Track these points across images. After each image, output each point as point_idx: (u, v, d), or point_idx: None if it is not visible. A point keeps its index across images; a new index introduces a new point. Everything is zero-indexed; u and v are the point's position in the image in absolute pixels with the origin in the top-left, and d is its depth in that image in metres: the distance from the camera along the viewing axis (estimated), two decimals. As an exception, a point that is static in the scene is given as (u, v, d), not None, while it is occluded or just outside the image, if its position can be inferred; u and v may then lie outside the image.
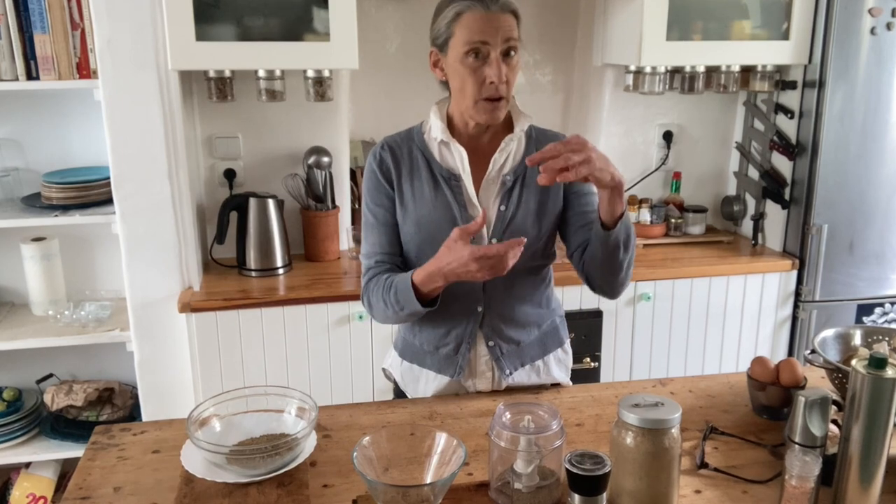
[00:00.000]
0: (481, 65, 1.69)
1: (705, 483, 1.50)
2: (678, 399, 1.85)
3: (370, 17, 3.12)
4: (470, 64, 1.69)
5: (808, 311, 3.14)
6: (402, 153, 1.84)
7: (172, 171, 2.67)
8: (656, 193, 3.50)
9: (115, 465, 1.57)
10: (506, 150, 1.82)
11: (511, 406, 1.45)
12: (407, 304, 1.71)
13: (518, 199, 1.80)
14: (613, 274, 1.77)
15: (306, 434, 1.54)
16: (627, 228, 1.71)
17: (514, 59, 1.71)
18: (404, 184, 1.82)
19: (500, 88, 1.70)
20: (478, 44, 1.67)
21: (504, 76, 1.69)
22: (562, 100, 3.48)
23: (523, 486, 1.38)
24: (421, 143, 1.85)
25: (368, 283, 1.83)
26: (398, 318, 1.81)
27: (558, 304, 2.01)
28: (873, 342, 1.85)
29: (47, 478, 2.93)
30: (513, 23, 1.70)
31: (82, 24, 2.64)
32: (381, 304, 1.77)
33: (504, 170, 1.82)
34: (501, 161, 1.82)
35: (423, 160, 1.83)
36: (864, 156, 3.02)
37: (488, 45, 1.67)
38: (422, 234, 1.80)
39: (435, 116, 1.83)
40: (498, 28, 1.67)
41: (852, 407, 1.36)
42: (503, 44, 1.68)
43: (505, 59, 1.69)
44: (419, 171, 1.82)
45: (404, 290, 1.70)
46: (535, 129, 1.88)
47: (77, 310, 2.89)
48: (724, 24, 3.01)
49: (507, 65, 1.69)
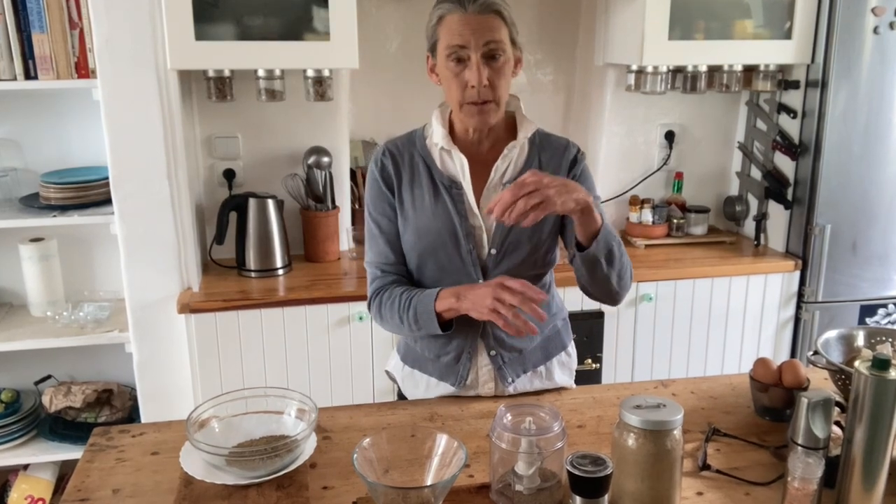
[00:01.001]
0: (463, 69, 1.66)
1: (707, 485, 1.50)
2: (680, 400, 1.83)
3: (370, 17, 3.12)
4: (452, 68, 1.67)
5: (810, 312, 3.13)
6: (403, 159, 1.82)
7: (171, 171, 2.66)
8: (658, 194, 3.49)
9: (113, 466, 1.56)
10: (507, 158, 1.79)
11: (512, 408, 1.44)
12: (426, 326, 1.72)
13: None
14: (602, 287, 1.75)
15: (306, 436, 1.53)
16: (608, 244, 1.67)
17: (501, 62, 1.67)
18: (405, 191, 1.80)
19: (481, 92, 1.66)
20: (456, 47, 1.65)
21: (485, 80, 1.65)
22: (563, 100, 3.47)
23: (524, 489, 1.37)
24: (422, 148, 1.82)
25: (379, 295, 1.82)
26: (412, 335, 1.83)
27: (560, 307, 1.98)
28: (876, 343, 1.84)
29: (46, 480, 2.92)
30: (495, 24, 1.65)
31: (81, 23, 2.63)
32: (397, 319, 1.77)
33: (505, 178, 1.79)
34: (503, 169, 1.79)
35: (424, 167, 1.80)
36: (867, 156, 3.01)
37: (467, 49, 1.64)
38: (422, 244, 1.79)
39: (437, 122, 1.81)
40: (476, 30, 1.63)
41: (855, 408, 1.36)
42: (483, 47, 1.64)
43: (489, 62, 1.65)
44: (420, 178, 1.80)
45: (425, 314, 1.71)
46: (539, 135, 1.84)
47: (76, 311, 2.88)
48: (726, 23, 3.00)
49: (490, 67, 1.65)
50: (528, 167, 1.78)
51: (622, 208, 3.43)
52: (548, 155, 1.82)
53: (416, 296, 1.74)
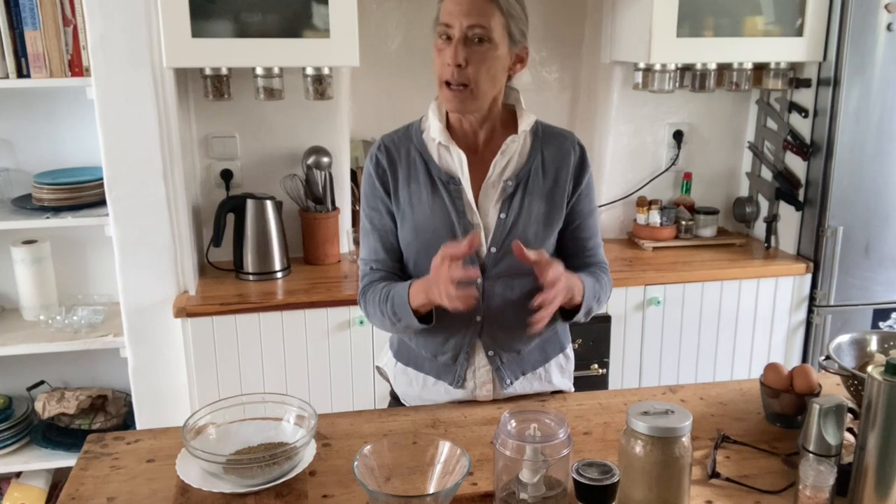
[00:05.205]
0: (446, 46, 1.67)
1: (717, 493, 1.50)
2: (689, 407, 1.82)
3: (371, 14, 3.11)
4: (438, 45, 1.69)
5: (822, 316, 3.12)
6: (399, 154, 1.80)
7: (167, 171, 2.65)
8: (666, 194, 3.47)
9: (108, 474, 1.56)
10: (507, 153, 1.77)
11: (517, 414, 1.43)
12: (403, 317, 1.72)
13: (519, 207, 1.76)
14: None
15: (305, 443, 1.54)
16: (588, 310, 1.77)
17: (484, 48, 1.65)
18: (401, 188, 1.78)
19: (455, 72, 1.65)
20: (443, 26, 1.66)
21: (460, 59, 1.64)
22: (569, 98, 3.45)
23: (529, 497, 1.36)
24: (419, 143, 1.80)
25: (366, 291, 1.82)
26: (396, 330, 1.83)
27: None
28: (890, 348, 1.84)
29: (38, 488, 2.91)
30: (487, 9, 1.64)
31: (74, 20, 2.63)
32: (379, 313, 1.78)
33: (505, 174, 1.77)
34: (503, 164, 1.77)
35: (421, 162, 1.78)
36: (880, 155, 3.00)
37: (452, 28, 1.64)
38: (419, 241, 1.77)
39: (433, 115, 1.79)
40: (465, 12, 1.63)
41: (868, 415, 1.37)
42: (467, 29, 1.63)
43: (471, 45, 1.64)
44: (417, 173, 1.78)
45: (401, 305, 1.71)
46: (541, 126, 1.83)
47: (69, 315, 2.87)
48: (736, 20, 2.99)
49: (471, 50, 1.64)
50: (531, 162, 1.78)
51: (629, 209, 3.42)
52: (552, 151, 1.80)
53: (393, 288, 1.74)
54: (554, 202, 1.78)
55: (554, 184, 1.77)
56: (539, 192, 1.76)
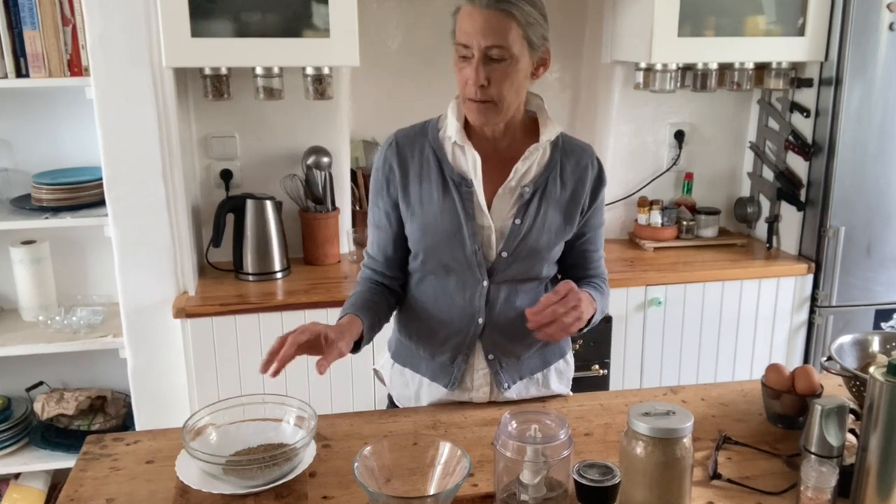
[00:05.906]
0: (466, 65, 1.64)
1: (718, 494, 1.49)
2: (690, 407, 1.82)
3: (371, 13, 3.10)
4: (457, 62, 1.66)
5: (824, 317, 3.11)
6: (412, 151, 1.78)
7: (167, 171, 2.65)
8: (667, 195, 3.46)
9: (107, 475, 1.56)
10: (529, 160, 1.74)
11: (517, 415, 1.42)
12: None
13: (535, 214, 1.74)
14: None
15: (305, 444, 1.53)
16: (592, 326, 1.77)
17: (505, 65, 1.61)
18: (411, 185, 1.76)
19: (479, 91, 1.62)
20: (460, 46, 1.63)
21: (482, 80, 1.61)
22: (569, 98, 3.44)
23: (530, 498, 1.35)
24: (434, 140, 1.77)
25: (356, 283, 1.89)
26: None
27: None
28: (892, 348, 1.84)
29: (37, 489, 2.90)
30: (502, 24, 1.59)
31: (73, 19, 2.62)
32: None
33: (524, 180, 1.75)
34: (523, 170, 1.75)
35: (434, 160, 1.76)
36: (882, 155, 3.00)
37: (470, 48, 1.60)
38: (426, 241, 1.76)
39: (452, 114, 1.76)
40: (480, 31, 1.58)
41: (870, 416, 1.37)
42: (485, 50, 1.59)
43: (491, 63, 1.61)
44: (429, 172, 1.76)
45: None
46: (563, 138, 1.80)
47: (68, 315, 2.87)
48: (737, 19, 2.99)
49: (492, 68, 1.61)
50: (549, 171, 1.76)
51: (630, 209, 3.41)
52: (571, 163, 1.79)
53: (349, 299, 1.80)
54: (569, 214, 1.77)
55: (570, 196, 1.76)
56: (555, 201, 1.74)
